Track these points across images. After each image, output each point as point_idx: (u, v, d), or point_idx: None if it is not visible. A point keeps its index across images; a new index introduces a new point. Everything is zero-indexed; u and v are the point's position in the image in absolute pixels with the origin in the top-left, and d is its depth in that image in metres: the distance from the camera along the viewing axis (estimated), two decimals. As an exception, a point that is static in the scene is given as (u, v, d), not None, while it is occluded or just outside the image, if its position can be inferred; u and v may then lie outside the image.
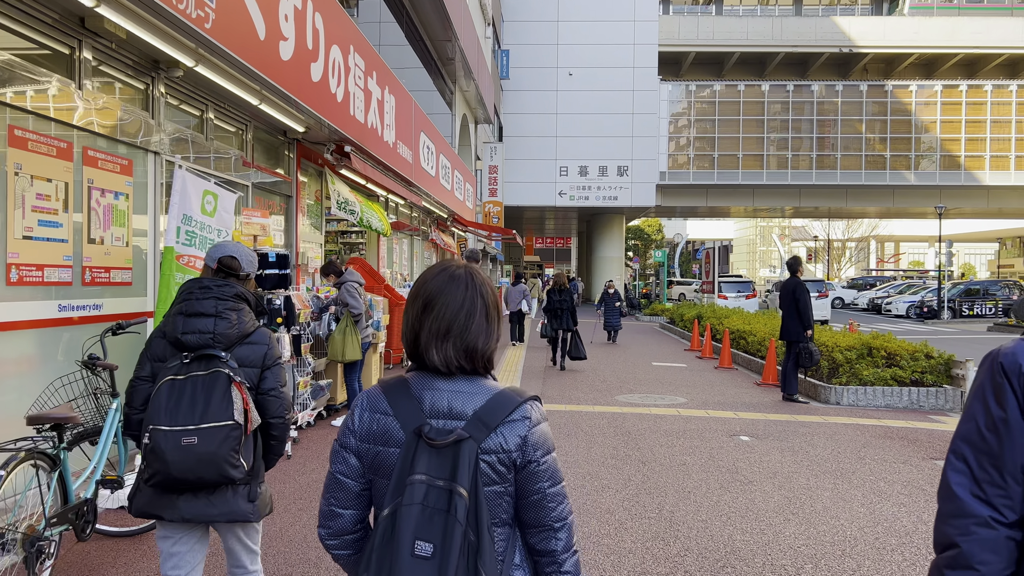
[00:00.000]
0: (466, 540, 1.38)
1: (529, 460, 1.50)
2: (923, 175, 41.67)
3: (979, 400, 1.38)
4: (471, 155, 25.11)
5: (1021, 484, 1.31)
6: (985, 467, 1.33)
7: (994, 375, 1.36)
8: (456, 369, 1.51)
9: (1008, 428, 1.31)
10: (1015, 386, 1.32)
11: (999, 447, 1.32)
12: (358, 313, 7.45)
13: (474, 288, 1.55)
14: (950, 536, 1.36)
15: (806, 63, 46.55)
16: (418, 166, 12.99)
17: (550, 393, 10.17)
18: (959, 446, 1.39)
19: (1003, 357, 1.36)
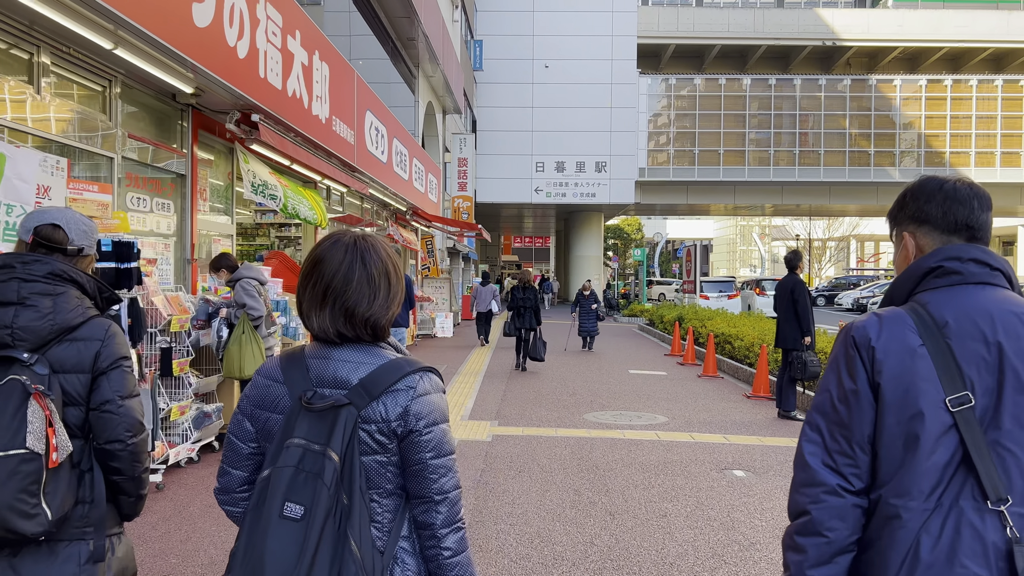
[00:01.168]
0: (336, 504, 1.39)
1: (411, 430, 1.49)
2: (908, 172, 40.64)
3: (833, 372, 1.44)
4: (439, 146, 23.55)
5: (868, 454, 1.38)
6: (836, 437, 1.39)
7: (847, 348, 1.42)
8: (335, 335, 1.51)
9: (857, 399, 1.38)
10: (864, 358, 1.39)
11: (849, 418, 1.39)
12: (258, 316, 5.90)
13: (355, 253, 1.53)
14: (801, 504, 1.41)
15: (788, 57, 45.47)
16: (363, 149, 11.42)
17: (508, 412, 8.66)
18: (813, 417, 1.44)
19: (855, 330, 1.42)
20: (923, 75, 41.76)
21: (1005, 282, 1.46)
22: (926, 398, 1.34)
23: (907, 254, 1.56)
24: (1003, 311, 1.39)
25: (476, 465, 6.17)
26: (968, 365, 1.36)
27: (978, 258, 1.45)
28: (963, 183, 1.54)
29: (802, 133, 40.72)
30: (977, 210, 1.50)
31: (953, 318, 1.39)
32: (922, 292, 1.46)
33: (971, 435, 1.32)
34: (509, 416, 8.35)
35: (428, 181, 18.13)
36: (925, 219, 1.52)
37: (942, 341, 1.37)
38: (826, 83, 40.87)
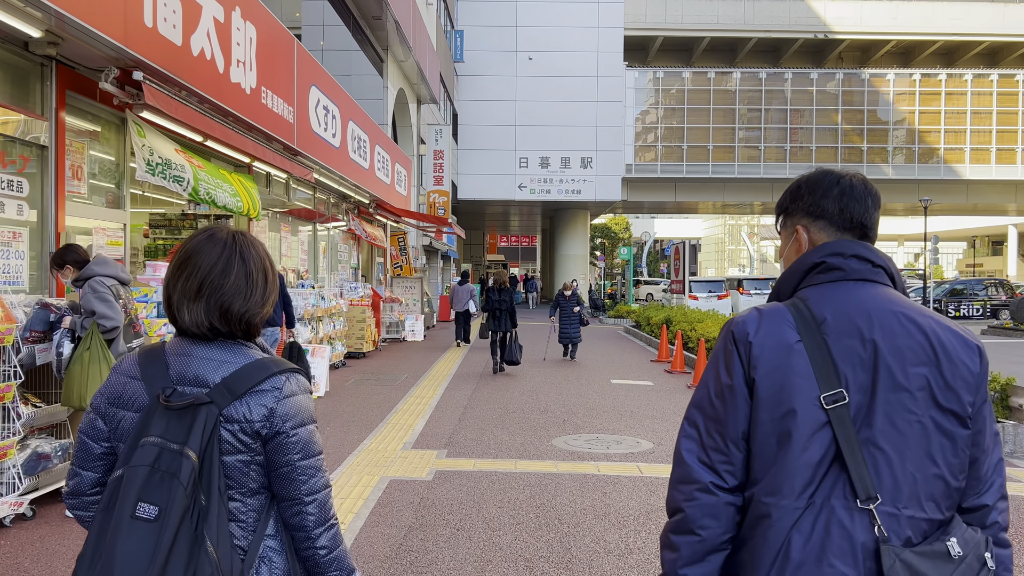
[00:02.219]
0: (193, 504, 1.36)
1: (277, 431, 1.47)
2: (901, 168, 39.55)
3: (713, 367, 1.41)
4: (412, 137, 22.12)
5: (743, 450, 1.34)
6: (712, 433, 1.36)
7: (726, 343, 1.40)
8: (208, 330, 1.48)
9: (733, 395, 1.35)
10: (742, 354, 1.36)
11: (724, 414, 1.36)
12: (112, 328, 4.47)
13: (233, 248, 1.50)
14: (677, 501, 1.38)
15: (779, 50, 44.28)
16: (306, 129, 9.99)
17: (463, 436, 7.25)
18: (692, 413, 1.42)
19: (735, 326, 1.40)
20: (917, 69, 40.68)
21: (887, 279, 1.43)
22: (800, 395, 1.31)
23: (799, 248, 1.50)
24: (881, 308, 1.36)
25: (403, 520, 4.76)
26: (844, 362, 1.33)
27: (860, 254, 1.42)
28: (859, 179, 1.50)
29: (793, 129, 39.53)
30: (871, 208, 1.48)
31: (831, 314, 1.36)
32: (805, 288, 1.44)
33: (844, 433, 1.29)
34: (463, 442, 6.94)
35: (395, 172, 16.70)
36: (821, 214, 1.48)
37: (819, 337, 1.35)
38: (818, 77, 39.68)
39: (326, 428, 7.40)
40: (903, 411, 1.30)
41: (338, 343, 12.04)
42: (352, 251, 15.41)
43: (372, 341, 13.97)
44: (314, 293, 10.78)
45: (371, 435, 7.15)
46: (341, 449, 6.57)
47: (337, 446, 6.68)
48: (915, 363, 1.32)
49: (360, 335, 13.32)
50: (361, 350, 13.37)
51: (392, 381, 10.76)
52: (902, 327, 1.35)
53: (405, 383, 10.62)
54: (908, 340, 1.34)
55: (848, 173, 1.51)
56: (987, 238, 73.20)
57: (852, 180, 1.50)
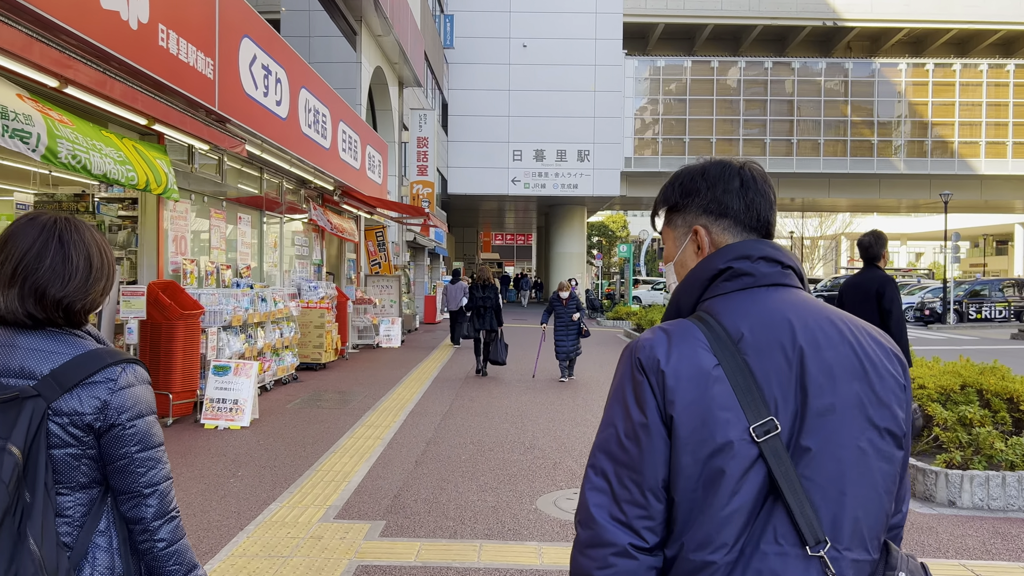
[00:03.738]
0: (17, 501, 1.32)
1: (112, 424, 1.44)
2: (913, 163, 37.65)
3: (618, 403, 1.18)
4: (393, 122, 20.14)
5: (663, 501, 1.13)
6: (626, 483, 1.13)
7: (633, 372, 1.17)
8: (25, 317, 1.42)
9: (649, 435, 1.13)
10: (654, 385, 1.14)
11: (640, 458, 1.13)
12: None
13: (52, 231, 1.45)
14: (587, 569, 1.15)
15: (785, 39, 42.33)
16: (234, 90, 8.01)
17: (415, 493, 5.27)
18: (598, 459, 1.18)
19: (640, 351, 1.17)
20: (930, 59, 38.78)
21: (797, 282, 1.25)
22: (726, 429, 1.10)
23: (699, 252, 1.27)
24: (802, 318, 1.17)
25: None
26: (769, 384, 1.13)
27: (769, 255, 1.23)
28: (759, 170, 1.30)
29: (800, 121, 37.60)
30: (773, 204, 1.29)
31: (748, 329, 1.16)
32: (711, 299, 1.22)
33: (781, 468, 1.09)
34: (412, 506, 4.96)
35: (367, 156, 14.71)
36: (724, 212, 1.26)
37: (739, 358, 1.14)
38: (826, 67, 37.76)
39: (228, 483, 5.42)
40: (839, 436, 1.12)
41: (288, 354, 10.06)
42: (315, 245, 13.41)
43: (334, 350, 11.99)
44: (250, 295, 8.80)
45: (285, 493, 5.17)
46: (227, 525, 4.57)
47: (224, 518, 4.69)
48: (846, 378, 1.15)
49: (318, 343, 11.34)
50: (319, 361, 11.39)
51: (346, 402, 8.79)
52: (827, 337, 1.17)
53: (361, 404, 8.64)
54: (835, 352, 1.16)
55: (746, 163, 1.29)
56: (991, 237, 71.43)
57: (753, 172, 1.28)
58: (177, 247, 8.02)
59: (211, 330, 7.65)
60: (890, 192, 38.66)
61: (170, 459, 5.99)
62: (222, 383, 7.20)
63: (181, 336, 7.13)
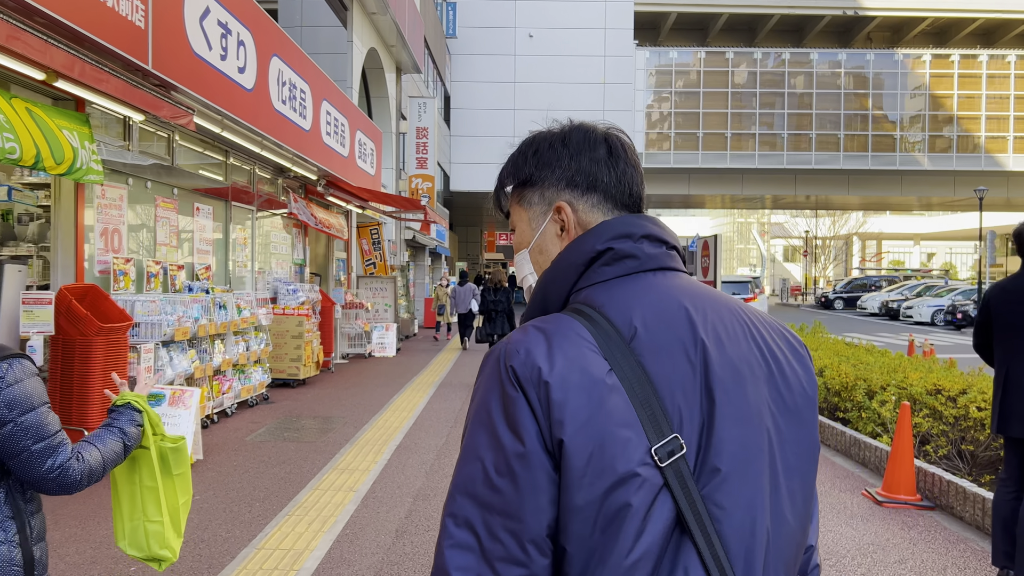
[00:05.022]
0: None
1: (5, 420, 1.52)
2: (938, 158, 35.94)
3: (484, 428, 0.90)
4: (390, 111, 18.56)
5: (548, 554, 0.87)
6: (499, 535, 0.86)
7: (504, 386, 0.89)
8: None
9: (528, 468, 0.86)
10: (534, 402, 0.87)
11: (517, 500, 0.86)
12: None
13: None
14: None
15: (802, 30, 40.63)
16: (179, 49, 6.43)
17: (391, 588, 3.68)
18: (459, 504, 0.89)
19: (513, 357, 0.90)
20: (955, 50, 37.06)
21: (682, 264, 1.04)
22: (628, 453, 0.86)
23: (567, 234, 1.04)
24: (699, 308, 0.96)
25: None
26: (672, 393, 0.90)
27: (653, 234, 1.01)
28: (626, 139, 1.07)
29: (819, 115, 35.92)
30: (642, 174, 1.07)
31: (642, 324, 0.93)
32: (587, 288, 0.98)
33: (686, 496, 0.88)
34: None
35: (357, 143, 13.13)
36: (593, 185, 1.04)
37: (633, 360, 0.90)
38: (847, 58, 36.11)
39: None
40: (749, 449, 0.92)
41: (256, 371, 8.48)
42: (297, 243, 11.83)
43: (315, 363, 10.40)
44: (202, 301, 7.21)
45: (201, 597, 3.59)
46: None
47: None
48: (753, 380, 0.95)
49: (295, 356, 9.76)
50: (296, 376, 9.80)
51: (322, 431, 7.20)
52: (728, 331, 0.97)
53: (339, 435, 7.05)
54: (739, 350, 0.96)
55: (611, 128, 1.07)
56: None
57: (620, 138, 1.06)
58: (108, 243, 6.44)
59: (145, 347, 6.07)
60: (912, 189, 36.97)
61: (66, 525, 4.18)
62: (154, 416, 5.61)
63: (100, 355, 5.55)
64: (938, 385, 6.68)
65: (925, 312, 28.13)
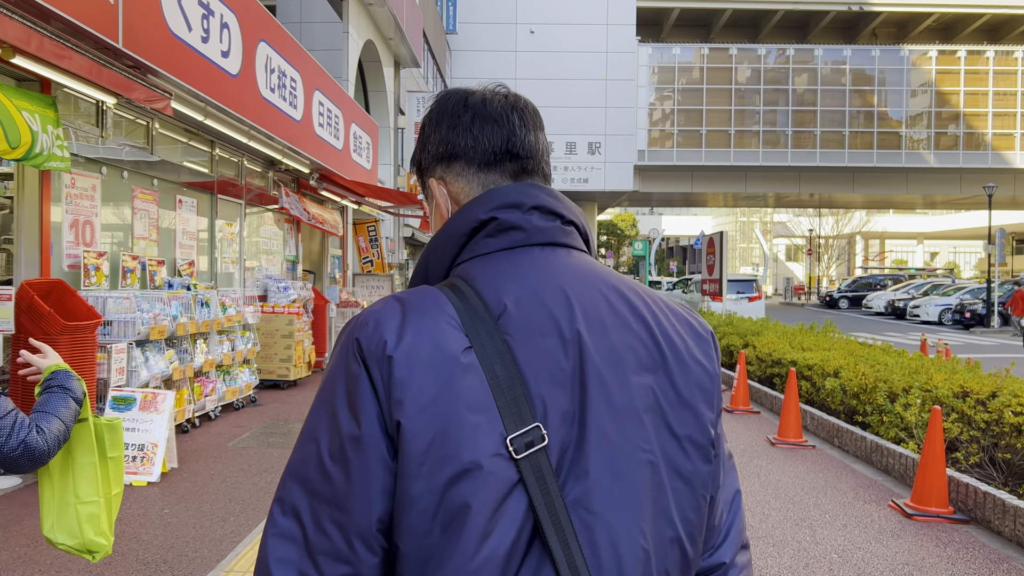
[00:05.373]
0: None
1: None
2: (944, 156, 35.47)
3: (325, 407, 0.83)
4: (388, 106, 18.15)
5: (379, 551, 0.79)
6: (325, 526, 0.79)
7: (348, 360, 0.82)
8: None
9: (361, 453, 0.79)
10: (376, 379, 0.80)
11: (347, 489, 0.79)
12: None
13: None
14: None
15: (807, 25, 40.17)
16: (159, 30, 6.01)
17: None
18: (288, 490, 0.82)
19: (360, 329, 0.83)
20: (962, 46, 36.58)
21: (581, 242, 0.96)
22: (477, 441, 0.78)
23: (441, 211, 0.99)
24: (584, 289, 0.89)
25: None
26: (539, 378, 0.82)
27: (545, 205, 0.93)
28: (498, 92, 1.00)
29: (824, 111, 35.46)
30: (520, 128, 0.97)
31: (514, 301, 0.85)
32: (467, 261, 0.91)
33: (544, 496, 0.78)
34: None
35: (352, 135, 12.73)
36: (454, 153, 0.97)
37: (499, 340, 0.82)
38: (851, 54, 35.64)
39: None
40: (627, 448, 0.83)
41: (243, 372, 8.07)
42: (289, 239, 11.42)
43: (307, 363, 9.99)
44: (182, 298, 6.80)
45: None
46: None
47: None
48: (638, 369, 0.87)
49: (285, 356, 9.35)
50: (287, 377, 9.39)
51: (309, 437, 6.80)
52: (615, 315, 0.89)
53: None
54: (625, 335, 0.88)
55: (486, 88, 1.00)
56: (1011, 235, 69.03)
57: (485, 95, 0.98)
58: (78, 236, 6.03)
59: (117, 346, 5.66)
60: (918, 187, 36.50)
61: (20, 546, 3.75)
62: (124, 422, 5.21)
63: (65, 355, 5.12)
64: (965, 387, 6.26)
65: (933, 311, 27.71)
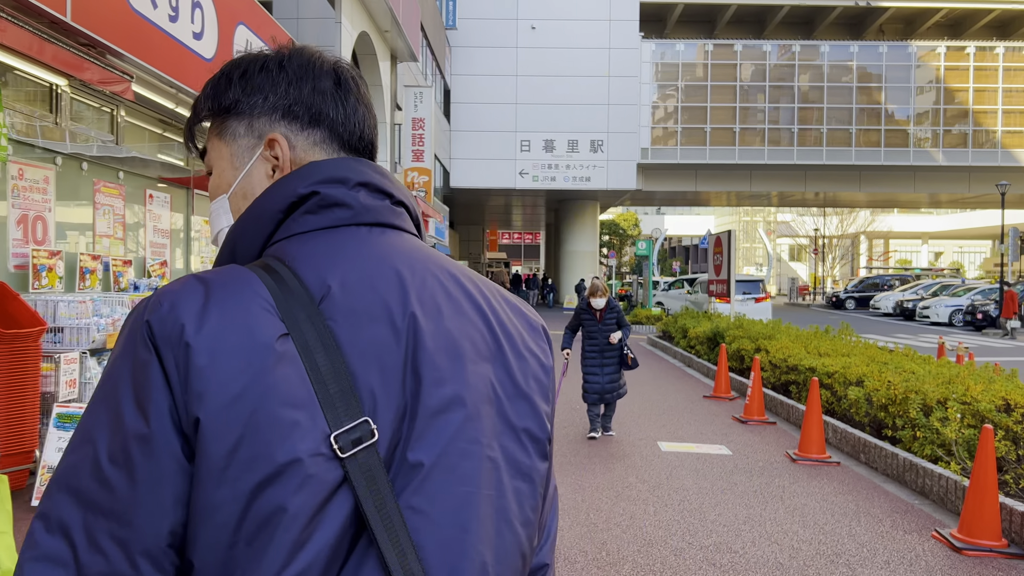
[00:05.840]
0: None
1: None
2: (952, 154, 34.83)
3: (106, 402, 0.71)
4: (384, 101, 17.57)
5: (169, 570, 0.68)
6: (101, 543, 0.67)
7: (136, 346, 0.71)
8: None
9: (150, 455, 0.68)
10: (170, 367, 0.69)
11: (131, 498, 0.67)
12: None
13: None
14: None
15: (812, 22, 39.54)
16: (119, 7, 5.42)
17: None
18: (56, 503, 0.69)
19: (152, 312, 0.72)
20: (971, 42, 35.94)
21: (412, 225, 0.89)
22: (293, 438, 0.68)
23: (269, 170, 0.86)
24: (417, 272, 0.82)
25: None
26: (366, 368, 0.74)
27: (374, 183, 0.85)
28: (354, 69, 0.93)
29: (830, 109, 34.83)
30: (375, 118, 0.93)
31: (340, 283, 0.77)
32: (284, 240, 0.81)
33: (375, 497, 0.70)
34: None
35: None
36: (317, 119, 0.87)
37: (322, 325, 0.74)
38: (859, 51, 35.00)
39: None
40: (463, 443, 0.76)
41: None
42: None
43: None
44: (148, 301, 6.21)
45: None
46: None
47: None
48: (475, 358, 0.81)
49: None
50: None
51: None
52: (450, 300, 0.82)
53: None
54: (461, 321, 0.82)
55: (339, 60, 0.91)
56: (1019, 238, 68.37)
57: (351, 71, 0.92)
58: (27, 233, 5.45)
59: (66, 356, 5.07)
60: (926, 185, 35.88)
61: None
62: (70, 441, 4.62)
63: (3, 367, 4.55)
64: (1008, 399, 5.68)
65: (943, 312, 27.09)
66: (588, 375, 7.20)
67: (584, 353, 7.33)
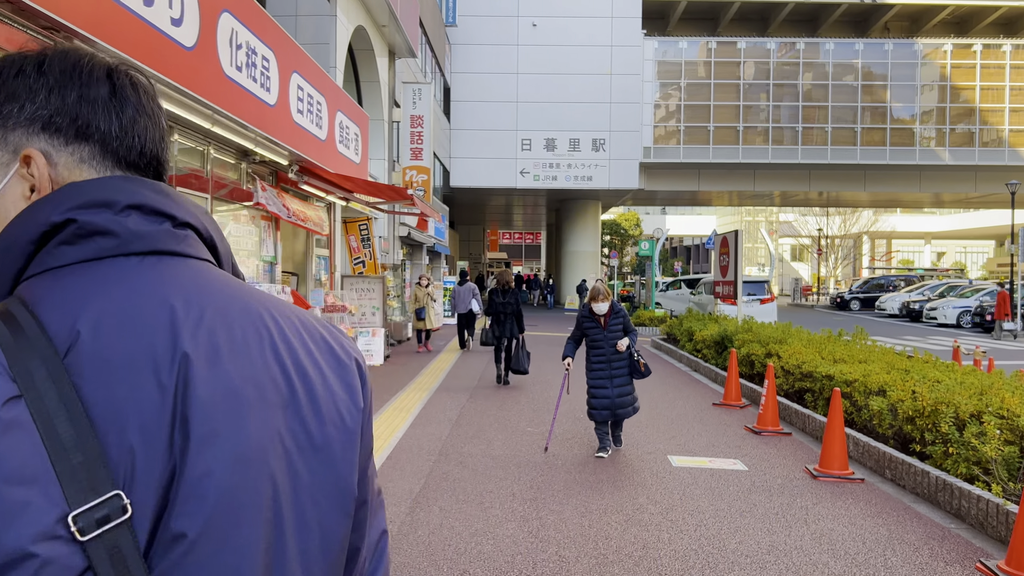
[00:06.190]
0: None
1: None
2: (959, 153, 34.38)
3: None
4: (382, 98, 17.15)
5: None
6: None
7: None
8: None
9: None
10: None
11: None
12: None
13: None
14: None
15: (817, 19, 39.09)
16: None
17: None
18: None
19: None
20: (978, 39, 35.49)
21: (204, 250, 0.79)
22: (22, 523, 0.60)
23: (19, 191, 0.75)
24: (196, 306, 0.72)
25: None
26: (122, 429, 0.65)
27: (148, 204, 0.75)
28: (142, 80, 0.81)
29: (835, 107, 34.37)
30: (165, 133, 0.83)
31: (92, 328, 0.68)
32: (37, 276, 0.72)
33: None
34: None
35: (338, 126, 11.70)
36: (85, 132, 0.76)
37: (65, 383, 0.65)
38: (864, 48, 34.55)
39: None
40: (239, 509, 0.68)
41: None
42: (266, 237, 10.40)
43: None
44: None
45: None
46: None
47: None
48: (262, 405, 0.72)
49: (257, 369, 8.32)
50: (258, 393, 8.36)
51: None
52: (233, 338, 0.73)
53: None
54: (244, 363, 0.72)
55: (120, 64, 0.80)
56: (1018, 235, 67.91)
57: (134, 76, 0.80)
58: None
59: (26, 368, 4.63)
60: (931, 185, 35.44)
61: None
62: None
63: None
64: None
65: (950, 314, 26.64)
66: (595, 388, 6.61)
67: (590, 364, 6.76)
